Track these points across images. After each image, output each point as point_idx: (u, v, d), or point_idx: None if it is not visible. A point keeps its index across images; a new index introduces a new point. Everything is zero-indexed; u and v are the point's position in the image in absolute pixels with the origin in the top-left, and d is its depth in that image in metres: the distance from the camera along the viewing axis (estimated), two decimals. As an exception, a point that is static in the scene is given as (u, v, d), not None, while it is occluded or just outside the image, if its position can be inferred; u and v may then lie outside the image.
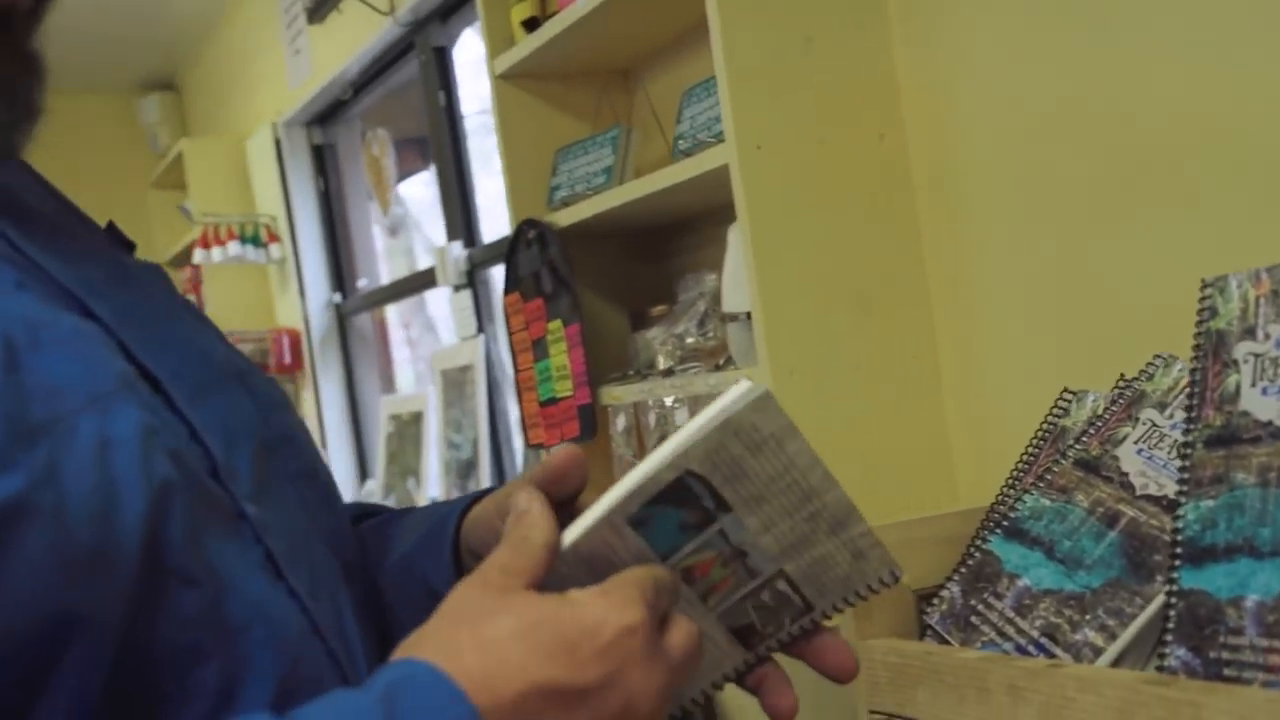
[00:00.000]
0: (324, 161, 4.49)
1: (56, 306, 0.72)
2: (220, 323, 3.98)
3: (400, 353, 4.61)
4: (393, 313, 4.53)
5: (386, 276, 4.30)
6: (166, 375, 0.75)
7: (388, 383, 4.49)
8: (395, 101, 4.09)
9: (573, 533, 0.74)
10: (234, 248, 4.37)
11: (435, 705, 0.61)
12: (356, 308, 4.39)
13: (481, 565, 0.71)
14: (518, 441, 3.41)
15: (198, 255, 4.42)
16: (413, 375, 4.49)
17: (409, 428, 3.89)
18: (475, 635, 0.65)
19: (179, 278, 5.11)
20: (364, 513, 1.05)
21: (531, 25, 2.37)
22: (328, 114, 4.38)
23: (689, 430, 0.74)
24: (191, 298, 4.86)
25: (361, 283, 4.43)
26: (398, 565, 0.94)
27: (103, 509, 0.65)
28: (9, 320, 0.67)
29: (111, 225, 0.94)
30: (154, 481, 0.67)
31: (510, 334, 2.48)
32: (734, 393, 0.75)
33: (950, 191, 1.82)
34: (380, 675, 0.63)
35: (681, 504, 0.75)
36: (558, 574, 0.72)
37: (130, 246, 0.93)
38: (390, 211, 4.16)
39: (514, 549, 0.72)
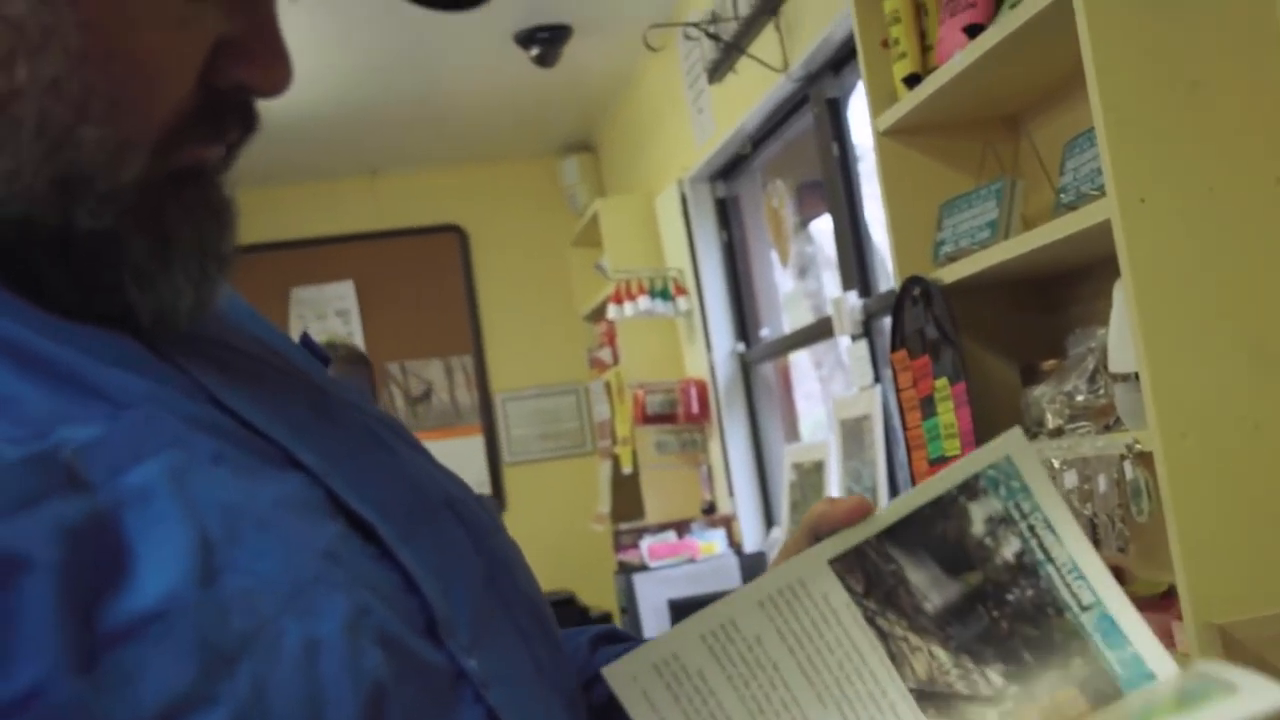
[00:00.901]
0: (727, 214, 4.60)
1: (258, 468, 0.66)
2: (633, 374, 4.13)
3: (806, 388, 4.63)
4: (801, 357, 4.56)
5: (788, 324, 4.34)
6: (377, 517, 0.68)
7: (791, 430, 4.52)
8: (795, 147, 4.14)
9: None
10: (644, 302, 4.53)
11: None
12: (760, 356, 4.45)
13: None
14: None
15: (611, 311, 4.61)
16: (824, 415, 4.49)
17: (811, 476, 3.90)
18: None
19: (594, 331, 5.34)
20: (609, 636, 0.97)
21: (913, 81, 2.34)
22: (729, 168, 4.48)
23: None
24: (607, 351, 5.07)
25: (763, 332, 4.50)
26: None
27: None
28: (205, 511, 0.60)
29: (305, 338, 0.89)
30: (364, 683, 0.61)
31: (898, 391, 2.45)
32: None
33: (1362, 237, 1.66)
34: None
35: None
36: None
37: (326, 360, 0.88)
38: (793, 257, 4.20)
39: None
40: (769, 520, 4.47)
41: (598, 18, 4.35)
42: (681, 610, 3.37)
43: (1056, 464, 1.95)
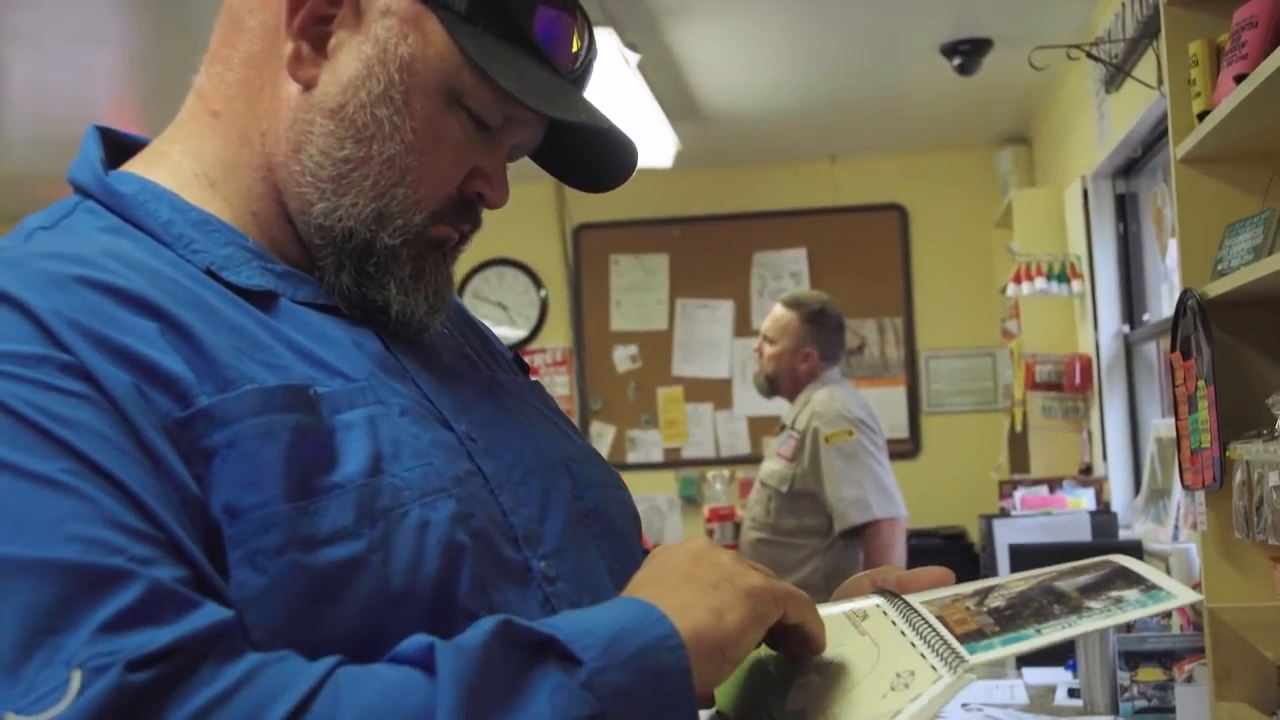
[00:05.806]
0: (1125, 208, 4.54)
1: (428, 421, 0.93)
2: (1030, 345, 4.38)
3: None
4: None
5: (1171, 310, 4.25)
6: (491, 471, 0.94)
7: (1170, 408, 4.43)
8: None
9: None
10: (1040, 283, 4.57)
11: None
12: (1141, 338, 4.40)
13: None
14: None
15: (1010, 289, 4.69)
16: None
17: (1167, 450, 3.86)
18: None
19: (1007, 305, 5.37)
20: None
21: (1204, 115, 2.38)
22: (1128, 168, 4.43)
23: None
24: (1014, 323, 5.12)
25: (1146, 316, 4.44)
26: None
27: (412, 566, 0.84)
28: (383, 439, 0.88)
29: (517, 355, 1.18)
30: (450, 548, 0.86)
31: (1173, 387, 2.51)
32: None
33: None
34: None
35: None
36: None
37: (525, 369, 1.17)
38: (1170, 253, 4.13)
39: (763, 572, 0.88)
40: (1138, 486, 4.42)
41: (1018, 33, 4.40)
42: (1017, 554, 3.49)
43: (1274, 480, 1.99)
